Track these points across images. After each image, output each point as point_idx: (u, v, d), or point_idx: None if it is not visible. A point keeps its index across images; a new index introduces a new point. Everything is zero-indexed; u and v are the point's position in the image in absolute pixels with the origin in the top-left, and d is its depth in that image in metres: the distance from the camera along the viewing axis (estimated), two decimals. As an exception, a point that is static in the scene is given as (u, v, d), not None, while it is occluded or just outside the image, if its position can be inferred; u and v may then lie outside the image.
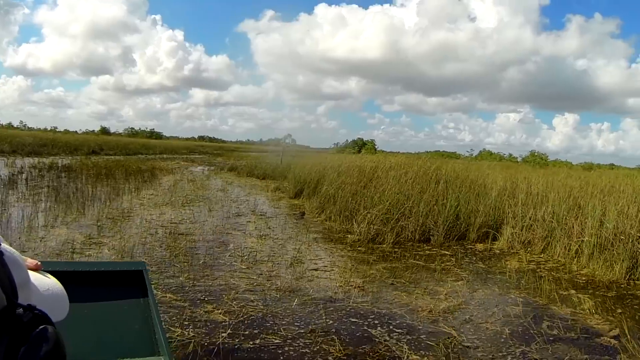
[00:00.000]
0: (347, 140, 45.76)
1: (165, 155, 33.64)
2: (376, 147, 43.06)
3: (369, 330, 4.00)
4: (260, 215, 9.31)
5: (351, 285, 5.11)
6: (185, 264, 5.56)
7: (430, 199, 7.56)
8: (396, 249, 6.77)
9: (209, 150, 51.93)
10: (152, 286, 1.43)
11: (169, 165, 23.92)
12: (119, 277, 1.45)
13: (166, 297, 4.54)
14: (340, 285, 5.10)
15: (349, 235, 7.42)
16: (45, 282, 0.76)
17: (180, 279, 5.03)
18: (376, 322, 4.20)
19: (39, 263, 0.77)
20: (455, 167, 10.01)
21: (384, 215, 7.18)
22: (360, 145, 42.84)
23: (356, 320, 4.21)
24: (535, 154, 38.53)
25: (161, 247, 6.21)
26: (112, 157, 26.27)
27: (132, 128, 78.25)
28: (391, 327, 4.09)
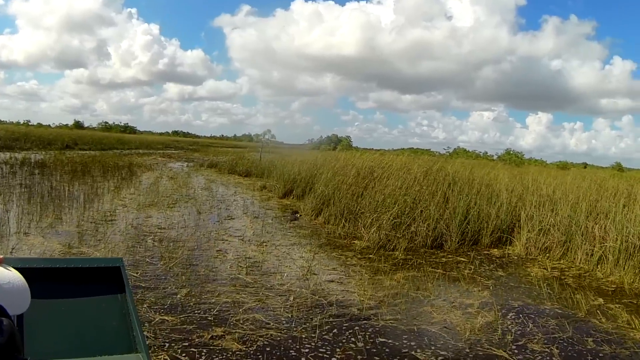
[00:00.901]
0: (321, 137, 45.08)
1: (141, 151, 32.28)
2: (352, 143, 42.68)
3: (411, 353, 3.52)
4: (254, 217, 8.70)
5: (373, 300, 4.61)
6: (183, 277, 4.94)
7: (440, 202, 7.14)
8: (410, 256, 6.31)
9: (184, 145, 50.57)
10: (130, 283, 1.41)
11: (147, 161, 22.85)
12: (95, 274, 1.42)
13: (167, 319, 3.92)
14: (362, 300, 4.59)
15: (356, 242, 6.91)
16: (5, 276, 0.78)
17: (179, 296, 4.41)
18: (413, 343, 3.72)
19: (1, 257, 0.82)
20: (456, 167, 9.61)
21: (394, 219, 6.70)
22: (336, 142, 42.38)
23: (391, 341, 3.72)
24: (511, 152, 38.80)
25: (152, 257, 5.54)
26: (87, 152, 24.89)
27: (106, 122, 75.84)
28: (434, 348, 3.62)
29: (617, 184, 7.91)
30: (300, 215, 9.20)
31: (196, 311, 4.08)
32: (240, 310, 4.18)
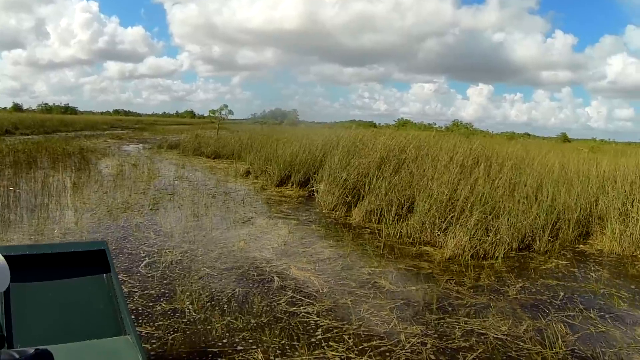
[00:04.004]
0: (264, 111, 43.97)
1: (87, 132, 28.60)
2: (298, 117, 41.80)
3: None
4: (268, 218, 6.93)
5: (523, 341, 3.16)
6: (222, 328, 3.24)
7: (519, 194, 5.79)
8: (507, 264, 4.95)
9: (129, 124, 46.81)
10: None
11: (97, 144, 19.92)
12: (81, 258, 1.47)
13: None
14: (508, 338, 3.15)
15: (428, 248, 5.42)
16: None
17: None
18: None
19: None
20: (495, 147, 8.32)
21: (482, 219, 5.25)
22: (282, 117, 41.43)
23: None
24: (459, 123, 38.66)
25: (168, 299, 3.74)
26: (30, 137, 21.41)
27: (46, 104, 69.33)
28: None
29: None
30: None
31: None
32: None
